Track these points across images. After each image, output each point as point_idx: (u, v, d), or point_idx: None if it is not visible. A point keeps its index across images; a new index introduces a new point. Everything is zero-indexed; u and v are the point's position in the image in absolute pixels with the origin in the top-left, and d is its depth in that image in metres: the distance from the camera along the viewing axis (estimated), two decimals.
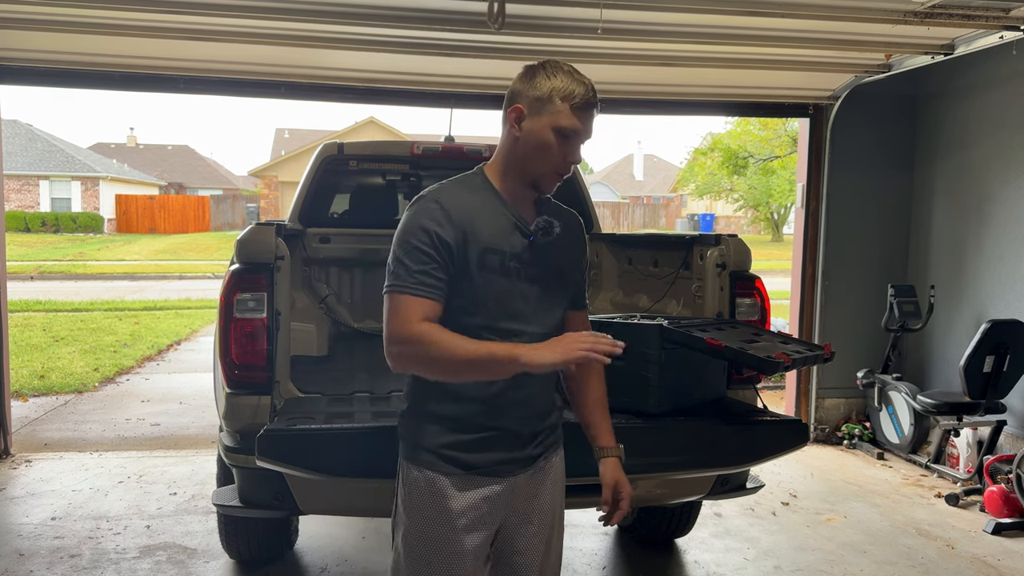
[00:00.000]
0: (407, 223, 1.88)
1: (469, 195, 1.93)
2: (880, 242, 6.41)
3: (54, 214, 36.10)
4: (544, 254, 1.96)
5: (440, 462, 1.90)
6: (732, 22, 4.42)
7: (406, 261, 1.84)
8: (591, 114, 1.91)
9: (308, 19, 4.24)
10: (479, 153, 4.93)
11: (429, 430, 1.92)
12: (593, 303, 4.90)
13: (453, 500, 1.90)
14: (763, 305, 3.44)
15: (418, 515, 1.92)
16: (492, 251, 1.87)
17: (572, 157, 1.92)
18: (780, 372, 3.20)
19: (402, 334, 1.81)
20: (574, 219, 2.15)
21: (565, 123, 1.88)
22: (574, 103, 1.88)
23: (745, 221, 40.94)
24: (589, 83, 1.91)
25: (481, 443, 1.91)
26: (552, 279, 1.99)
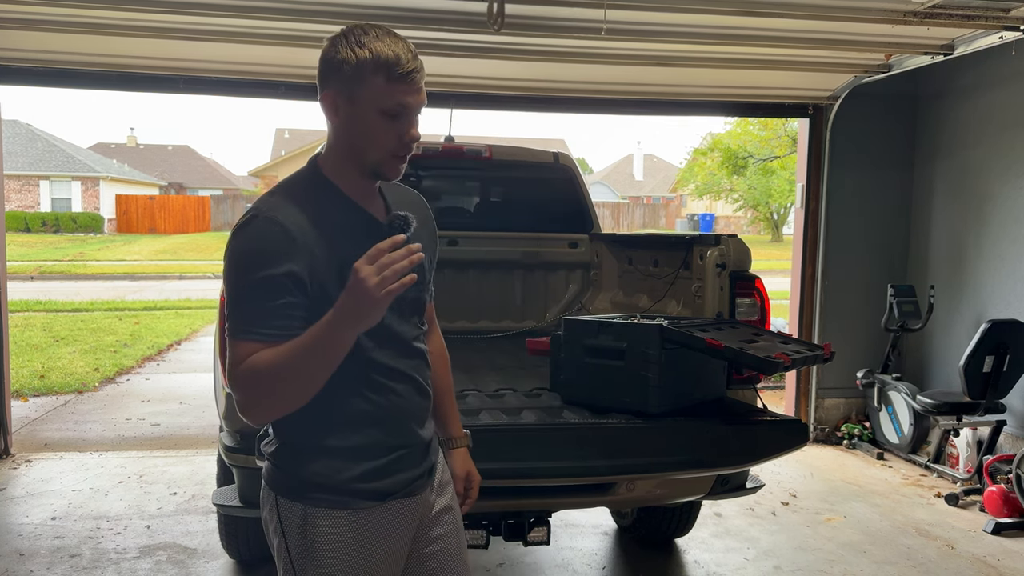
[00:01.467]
0: (240, 253, 1.57)
1: (310, 204, 1.62)
2: (880, 242, 6.41)
3: (54, 214, 36.11)
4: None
5: (352, 499, 1.67)
6: (732, 22, 4.42)
7: (246, 300, 1.55)
8: (416, 80, 1.60)
9: (308, 19, 4.24)
10: (479, 153, 4.94)
11: (332, 466, 1.66)
12: (593, 303, 4.91)
13: (371, 535, 1.69)
14: (763, 305, 3.44)
15: (333, 564, 1.68)
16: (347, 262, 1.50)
17: (409, 135, 1.63)
18: (780, 372, 3.20)
19: (235, 379, 1.54)
20: (418, 199, 1.89)
21: (388, 103, 1.58)
22: (393, 75, 1.57)
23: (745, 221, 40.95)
24: (405, 44, 1.60)
25: (392, 465, 1.71)
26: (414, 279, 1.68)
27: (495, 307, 5.02)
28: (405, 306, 1.73)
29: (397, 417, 1.72)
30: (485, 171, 5.18)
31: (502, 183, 5.37)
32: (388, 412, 1.70)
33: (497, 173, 5.23)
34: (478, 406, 3.03)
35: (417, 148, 1.74)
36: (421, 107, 1.64)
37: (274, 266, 1.54)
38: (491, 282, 5.01)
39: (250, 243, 1.57)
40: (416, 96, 1.62)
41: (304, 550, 1.69)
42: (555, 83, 5.63)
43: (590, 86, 5.68)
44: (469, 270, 4.97)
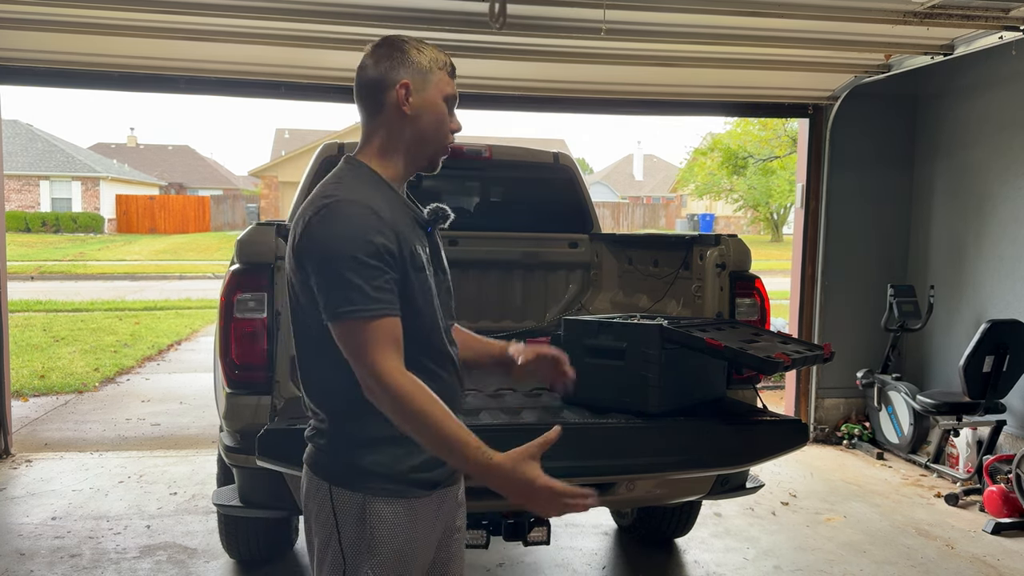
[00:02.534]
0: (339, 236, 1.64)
1: (377, 194, 1.73)
2: (880, 242, 6.41)
3: (54, 214, 36.11)
4: (436, 245, 1.87)
5: (409, 488, 1.73)
6: (732, 23, 4.42)
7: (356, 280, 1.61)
8: (454, 79, 1.85)
9: (308, 19, 4.25)
10: (479, 153, 4.93)
11: (393, 455, 1.71)
12: (593, 303, 4.90)
13: (423, 524, 1.76)
14: (763, 305, 3.44)
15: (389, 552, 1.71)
16: (417, 251, 1.73)
17: (457, 125, 1.84)
18: (780, 372, 3.21)
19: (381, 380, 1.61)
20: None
21: (450, 90, 1.81)
22: (449, 70, 1.81)
23: (745, 221, 40.95)
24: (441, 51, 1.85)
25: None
26: (445, 269, 1.89)
27: (495, 307, 5.02)
28: (444, 296, 1.84)
29: (453, 400, 1.77)
30: (485, 171, 5.18)
31: (502, 183, 5.37)
32: (448, 393, 1.76)
33: (497, 173, 5.22)
34: (478, 406, 3.03)
35: None
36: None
37: (376, 244, 1.63)
38: (491, 282, 5.01)
39: (346, 226, 1.64)
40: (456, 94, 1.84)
41: (360, 540, 1.71)
42: (555, 83, 5.64)
43: (590, 86, 5.68)
44: (469, 270, 4.97)
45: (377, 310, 1.62)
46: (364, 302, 1.61)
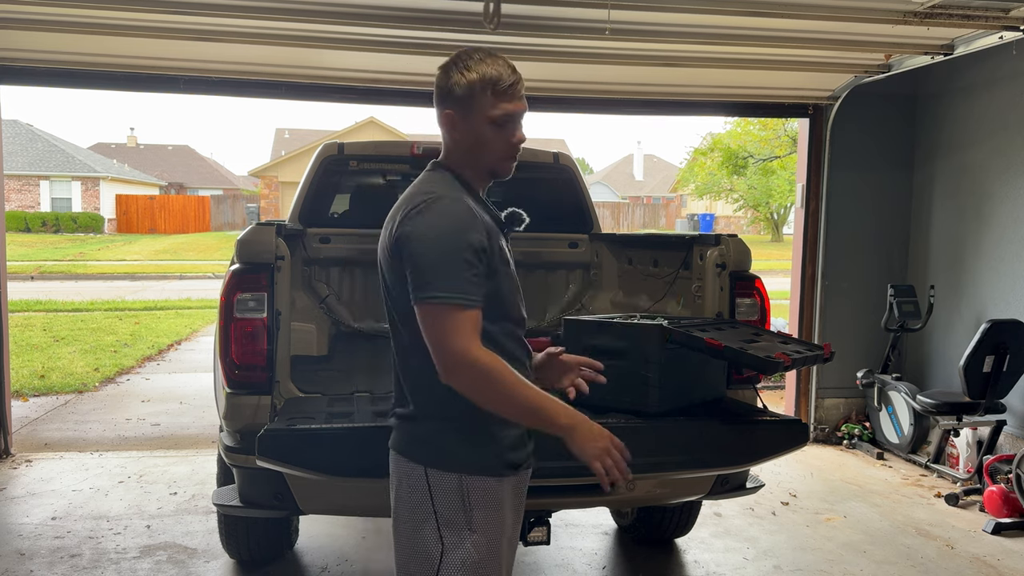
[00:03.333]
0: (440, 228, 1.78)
1: (464, 192, 1.92)
2: (880, 242, 6.41)
3: (54, 214, 36.12)
4: (508, 242, 2.00)
5: (503, 468, 1.88)
6: (733, 23, 4.42)
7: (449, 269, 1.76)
8: (518, 90, 1.88)
9: (308, 19, 4.25)
10: None
11: (488, 437, 1.86)
12: (593, 303, 4.90)
13: (512, 502, 1.93)
14: (763, 305, 3.44)
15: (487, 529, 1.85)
16: (501, 250, 1.90)
17: (516, 138, 1.91)
18: (780, 372, 3.20)
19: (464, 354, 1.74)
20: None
21: (497, 113, 1.86)
22: (498, 90, 1.85)
23: (745, 221, 40.95)
24: (505, 62, 1.88)
25: (525, 437, 1.95)
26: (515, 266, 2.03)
27: None
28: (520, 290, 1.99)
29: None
30: None
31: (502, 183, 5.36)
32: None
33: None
34: None
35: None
36: (524, 112, 1.92)
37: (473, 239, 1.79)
38: None
39: (448, 219, 1.79)
40: (518, 104, 1.89)
41: (458, 518, 1.82)
42: (556, 83, 5.63)
43: (591, 86, 5.68)
44: None
45: (469, 301, 1.75)
46: (459, 291, 1.74)
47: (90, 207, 38.49)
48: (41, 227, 34.56)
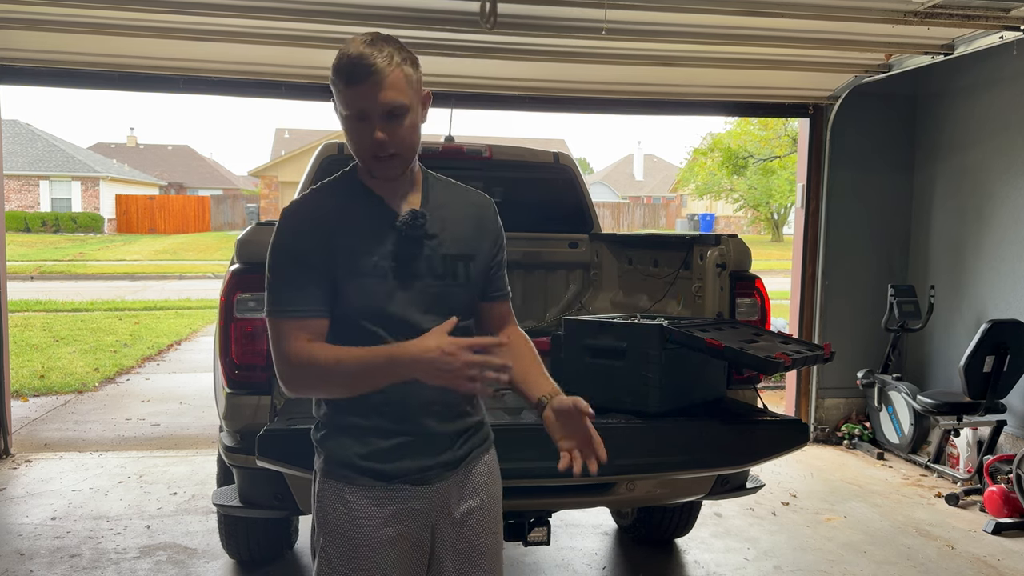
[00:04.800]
0: (273, 240, 1.79)
1: (332, 199, 1.82)
2: (880, 242, 6.41)
3: (54, 214, 36.12)
4: (420, 248, 1.80)
5: (356, 475, 1.79)
6: (733, 22, 4.42)
7: (275, 283, 1.76)
8: (372, 82, 1.66)
9: (308, 19, 4.25)
10: (479, 153, 4.94)
11: (344, 443, 1.80)
12: (593, 303, 4.90)
13: (366, 514, 1.79)
14: (763, 305, 3.44)
15: (337, 533, 1.80)
16: (361, 253, 1.76)
17: (373, 136, 1.70)
18: (780, 372, 3.20)
19: (286, 358, 1.73)
20: (475, 202, 1.96)
21: (342, 108, 1.72)
22: (348, 80, 1.67)
23: (745, 221, 40.95)
24: (374, 46, 1.67)
25: (396, 450, 1.80)
26: (437, 273, 1.82)
27: None
28: (427, 299, 1.81)
29: (403, 405, 1.79)
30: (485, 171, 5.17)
31: (502, 183, 5.36)
32: (395, 400, 1.78)
33: (497, 173, 5.22)
34: None
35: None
36: (385, 108, 1.68)
37: (287, 246, 1.77)
38: None
39: (277, 231, 1.80)
40: (373, 99, 1.67)
41: (318, 519, 1.85)
42: (555, 83, 5.63)
43: (590, 86, 5.68)
44: None
45: (285, 311, 1.75)
46: (274, 303, 1.76)
47: (90, 207, 38.50)
48: (41, 227, 34.56)
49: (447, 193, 1.92)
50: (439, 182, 1.93)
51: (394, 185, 1.82)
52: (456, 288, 1.85)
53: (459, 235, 1.87)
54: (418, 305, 1.80)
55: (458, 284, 1.85)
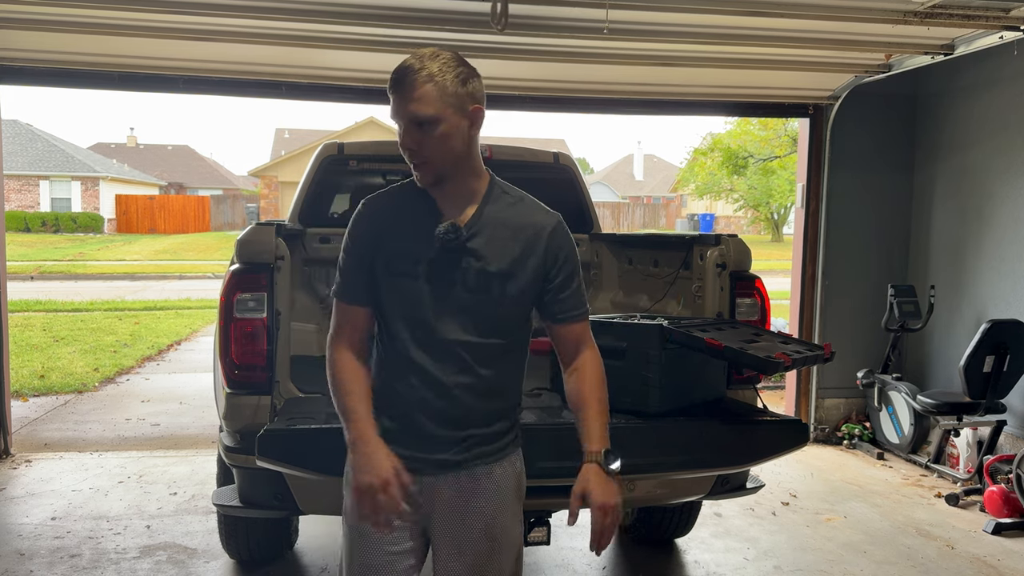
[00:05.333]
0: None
1: (396, 199, 1.96)
2: (880, 242, 6.41)
3: (54, 214, 36.11)
4: (457, 260, 1.87)
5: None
6: (733, 22, 4.42)
7: (339, 266, 1.96)
8: (395, 94, 1.82)
9: (308, 19, 4.24)
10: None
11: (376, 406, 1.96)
12: (593, 303, 4.90)
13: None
14: (763, 305, 3.44)
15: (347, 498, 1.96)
16: (401, 254, 1.88)
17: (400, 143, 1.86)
18: (780, 372, 3.20)
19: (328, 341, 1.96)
20: (534, 222, 1.95)
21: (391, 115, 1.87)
22: (391, 90, 1.84)
23: (745, 221, 40.95)
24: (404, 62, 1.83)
25: (390, 434, 1.90)
26: (470, 287, 1.87)
27: None
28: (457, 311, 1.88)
29: (401, 399, 1.91)
30: None
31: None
32: (398, 393, 1.91)
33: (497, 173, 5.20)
34: None
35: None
36: (411, 118, 1.81)
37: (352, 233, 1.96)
38: None
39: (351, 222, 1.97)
40: (403, 108, 1.81)
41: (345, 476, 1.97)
42: (556, 83, 5.63)
43: (591, 86, 5.68)
44: None
45: (338, 293, 1.95)
46: (336, 282, 1.96)
47: (90, 207, 38.49)
48: (41, 227, 34.56)
49: (509, 210, 1.94)
50: (507, 197, 1.96)
51: (452, 194, 1.90)
52: (489, 304, 1.89)
53: (502, 252, 1.89)
54: (446, 315, 1.88)
55: (492, 300, 1.89)
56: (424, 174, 1.86)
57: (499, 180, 1.99)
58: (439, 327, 1.87)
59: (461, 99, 1.81)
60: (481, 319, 1.88)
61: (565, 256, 1.96)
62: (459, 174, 1.89)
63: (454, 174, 1.88)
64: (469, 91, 1.83)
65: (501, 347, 1.92)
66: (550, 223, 1.96)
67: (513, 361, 1.98)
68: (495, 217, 1.91)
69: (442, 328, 1.87)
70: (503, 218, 1.91)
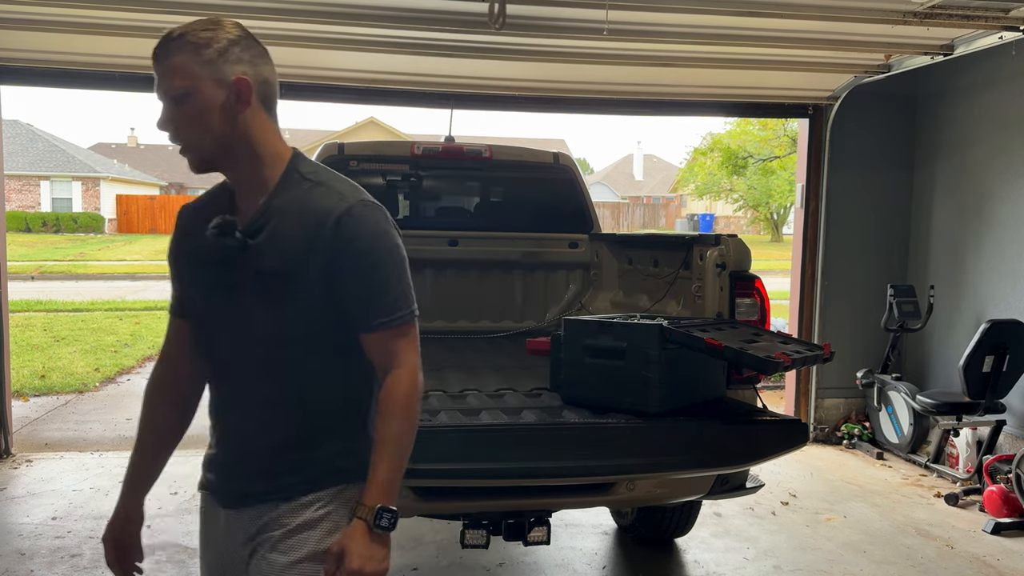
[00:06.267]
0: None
1: (202, 200, 1.77)
2: (880, 242, 6.41)
3: (55, 214, 36.12)
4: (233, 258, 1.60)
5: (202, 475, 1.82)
6: (733, 23, 4.42)
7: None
8: (157, 70, 1.58)
9: (308, 19, 4.25)
10: (479, 153, 4.94)
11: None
12: (593, 303, 4.91)
13: (202, 516, 1.83)
14: (763, 305, 3.44)
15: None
16: (191, 259, 1.70)
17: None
18: (780, 372, 3.21)
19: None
20: (320, 209, 1.59)
21: None
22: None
23: (745, 221, 40.94)
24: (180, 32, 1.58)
25: (207, 457, 1.79)
26: (247, 289, 1.60)
27: (495, 307, 5.02)
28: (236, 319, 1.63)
29: (217, 418, 1.76)
30: (485, 171, 5.18)
31: (502, 183, 5.37)
32: (213, 410, 1.76)
33: (497, 173, 5.23)
34: (478, 406, 3.03)
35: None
36: (165, 93, 1.57)
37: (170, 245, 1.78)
38: (491, 282, 5.01)
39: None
40: (158, 83, 1.59)
41: None
42: (556, 83, 5.64)
43: (591, 86, 5.69)
44: (469, 270, 4.98)
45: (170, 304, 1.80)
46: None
47: (90, 207, 38.50)
48: (41, 227, 34.56)
49: (302, 197, 1.61)
50: (304, 183, 1.63)
51: (242, 186, 1.65)
52: (267, 310, 1.60)
53: (284, 248, 1.58)
54: (226, 324, 1.64)
55: (271, 305, 1.59)
56: (189, 160, 1.59)
57: (305, 164, 1.67)
58: (222, 340, 1.65)
59: (218, 68, 1.54)
60: (264, 328, 1.60)
61: (358, 248, 1.58)
62: (237, 160, 1.60)
63: (228, 160, 1.60)
64: (233, 57, 1.55)
65: (295, 360, 1.62)
66: (338, 208, 1.58)
67: (321, 375, 1.64)
68: (283, 207, 1.60)
69: (223, 341, 1.65)
70: (292, 208, 1.60)
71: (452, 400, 3.13)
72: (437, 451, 2.57)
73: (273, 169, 1.63)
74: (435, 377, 3.53)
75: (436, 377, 3.53)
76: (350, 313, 1.61)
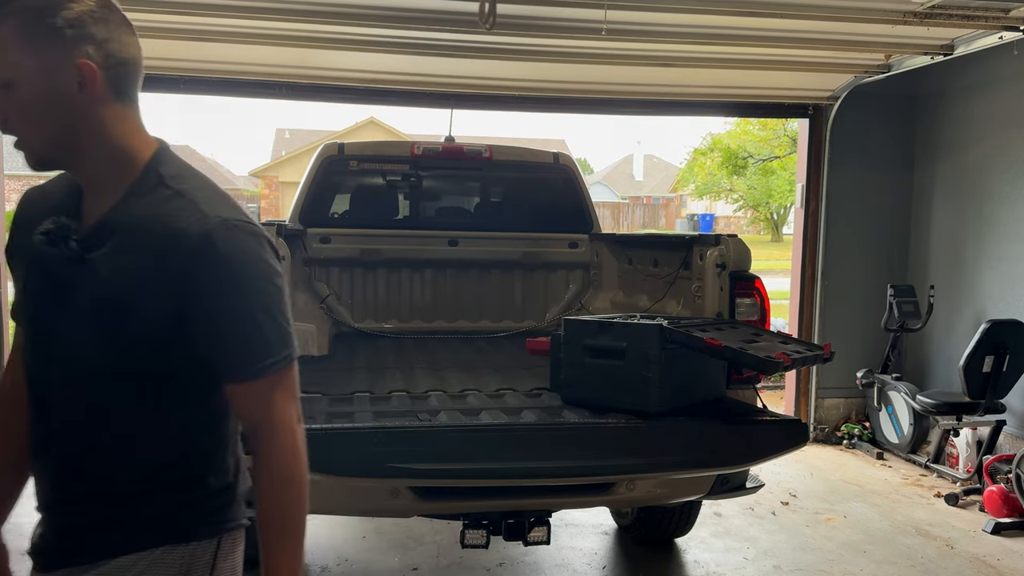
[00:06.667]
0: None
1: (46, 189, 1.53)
2: (880, 242, 6.41)
3: None
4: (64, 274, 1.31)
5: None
6: (732, 23, 4.42)
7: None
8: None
9: (308, 19, 4.25)
10: (479, 153, 4.94)
11: None
12: (593, 303, 4.91)
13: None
14: (763, 305, 3.44)
15: None
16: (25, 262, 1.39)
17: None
18: (780, 372, 3.21)
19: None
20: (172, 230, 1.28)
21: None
22: None
23: (745, 221, 40.95)
24: None
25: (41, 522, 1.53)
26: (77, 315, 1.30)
27: (495, 307, 5.03)
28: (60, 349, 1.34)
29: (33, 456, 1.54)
30: (485, 171, 5.18)
31: (502, 183, 5.38)
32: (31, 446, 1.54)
33: (497, 173, 5.23)
34: (478, 406, 3.03)
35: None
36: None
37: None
38: (491, 282, 5.01)
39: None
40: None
41: None
42: (555, 83, 5.64)
43: (590, 86, 5.69)
44: (469, 270, 4.98)
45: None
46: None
47: None
48: None
49: (154, 209, 1.30)
50: (163, 191, 1.32)
51: (91, 187, 1.35)
52: (98, 339, 1.29)
53: (125, 272, 1.28)
54: (50, 347, 1.36)
55: (103, 334, 1.29)
56: (25, 156, 1.35)
57: (168, 165, 1.36)
58: (44, 363, 1.37)
59: (55, 50, 1.23)
60: (94, 360, 1.31)
61: (216, 281, 1.28)
62: (84, 158, 1.32)
63: (71, 157, 1.33)
64: (72, 36, 1.23)
65: (126, 400, 1.34)
66: (196, 229, 1.27)
67: (157, 421, 1.36)
68: (132, 219, 1.30)
69: (46, 365, 1.36)
70: (142, 221, 1.29)
71: (452, 400, 3.13)
72: (437, 451, 2.57)
73: (127, 169, 1.33)
74: (435, 377, 3.53)
75: (436, 377, 3.53)
76: (206, 358, 1.32)
